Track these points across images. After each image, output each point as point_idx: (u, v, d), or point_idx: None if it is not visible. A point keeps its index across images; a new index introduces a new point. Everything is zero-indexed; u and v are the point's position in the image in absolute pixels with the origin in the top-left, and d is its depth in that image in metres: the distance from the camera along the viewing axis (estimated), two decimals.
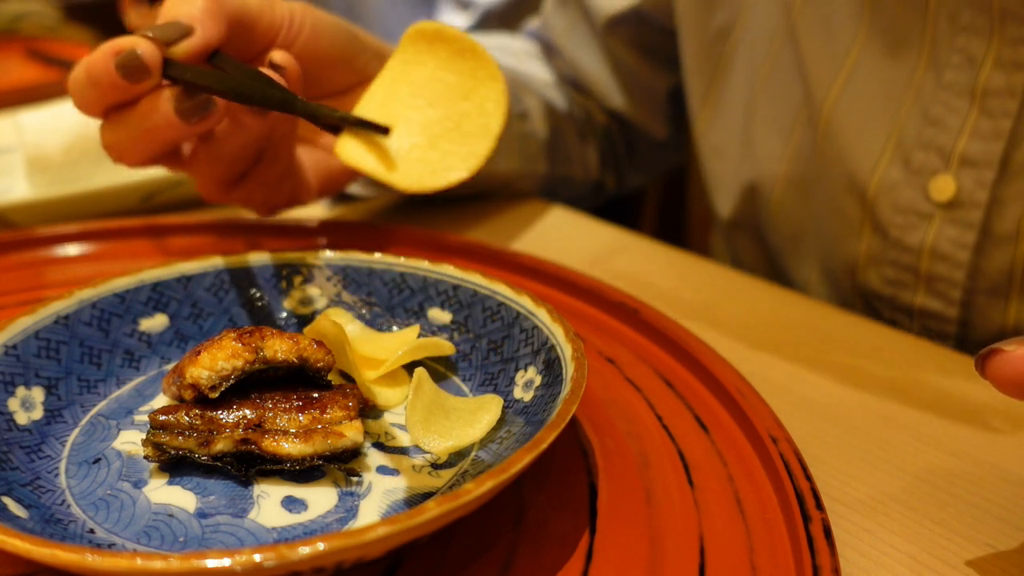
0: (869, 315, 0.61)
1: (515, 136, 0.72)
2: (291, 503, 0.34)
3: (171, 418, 0.36)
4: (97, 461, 0.36)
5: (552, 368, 0.38)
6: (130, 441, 0.37)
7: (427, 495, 0.35)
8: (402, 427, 0.39)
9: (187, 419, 0.36)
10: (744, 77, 0.69)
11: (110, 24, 1.34)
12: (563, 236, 0.67)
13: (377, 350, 0.43)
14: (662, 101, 0.81)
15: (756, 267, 0.74)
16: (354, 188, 0.69)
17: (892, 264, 0.60)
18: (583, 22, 0.79)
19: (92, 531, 0.32)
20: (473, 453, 0.37)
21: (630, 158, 0.87)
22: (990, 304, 0.58)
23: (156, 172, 0.67)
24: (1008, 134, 0.54)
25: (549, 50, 0.83)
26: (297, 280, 0.47)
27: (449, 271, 0.45)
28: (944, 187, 0.56)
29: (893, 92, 0.58)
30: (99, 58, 0.44)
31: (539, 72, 0.81)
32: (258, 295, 0.46)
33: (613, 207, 0.90)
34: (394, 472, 0.36)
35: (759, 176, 0.69)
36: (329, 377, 0.39)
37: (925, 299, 0.59)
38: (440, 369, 0.44)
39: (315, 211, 0.71)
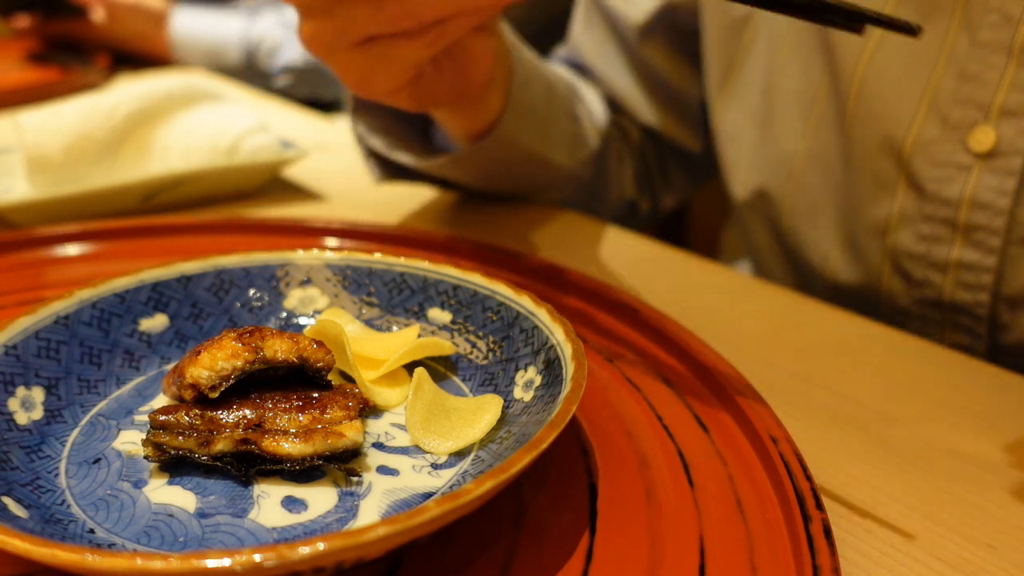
0: (898, 277, 0.62)
1: (568, 135, 0.71)
2: (291, 503, 0.34)
3: (171, 418, 0.36)
4: (97, 461, 0.36)
5: (552, 368, 0.38)
6: (130, 441, 0.37)
7: (427, 495, 0.35)
8: (402, 427, 0.39)
9: (187, 419, 0.36)
10: (763, 60, 0.70)
11: None
12: (563, 236, 0.67)
13: (377, 350, 0.43)
14: (695, 111, 0.82)
15: (769, 249, 0.74)
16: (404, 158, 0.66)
17: (927, 220, 0.60)
18: (612, 38, 0.80)
19: (92, 531, 0.32)
20: (473, 453, 0.37)
21: (664, 179, 0.88)
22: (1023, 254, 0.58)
23: (156, 172, 0.67)
24: None
25: (582, 72, 0.83)
26: (297, 280, 0.47)
27: (449, 271, 0.45)
28: (984, 138, 0.57)
29: (926, 56, 0.59)
30: None
31: (582, 89, 0.81)
32: (258, 295, 0.46)
33: None
34: (394, 472, 0.36)
35: (778, 154, 0.70)
36: (329, 377, 0.39)
37: (962, 251, 0.59)
38: (440, 369, 0.44)
39: (315, 211, 0.71)
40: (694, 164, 0.85)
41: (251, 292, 0.46)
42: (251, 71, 1.37)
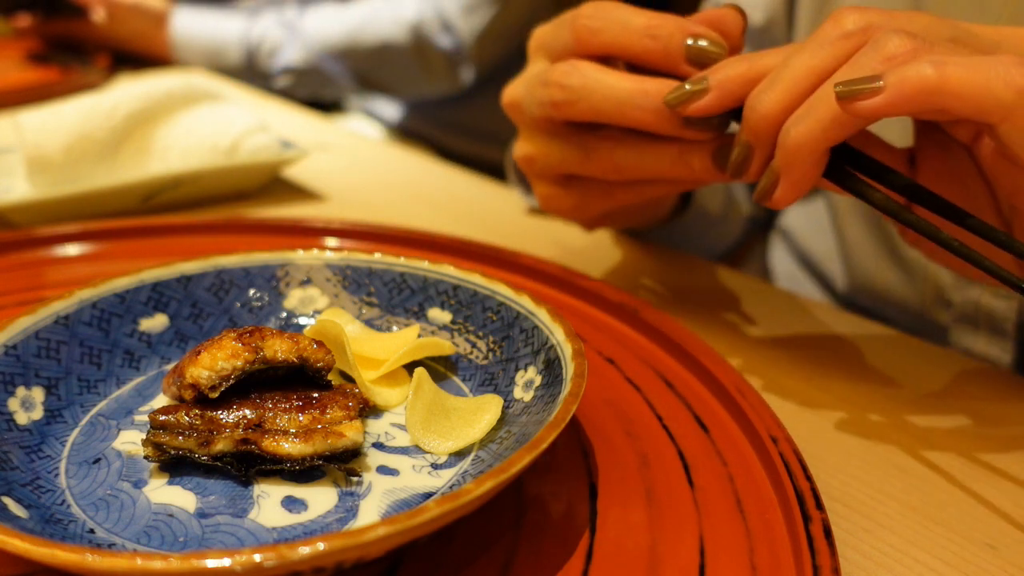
0: None
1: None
2: (291, 503, 0.34)
3: (171, 418, 0.36)
4: (97, 461, 0.36)
5: (552, 368, 0.38)
6: (130, 441, 0.37)
7: (427, 495, 0.35)
8: (402, 427, 0.39)
9: (187, 419, 0.36)
10: None
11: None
12: (563, 236, 0.67)
13: (377, 350, 0.43)
14: None
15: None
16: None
17: None
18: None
19: (92, 531, 0.32)
20: (473, 453, 0.37)
21: None
22: None
23: (156, 172, 0.67)
24: None
25: None
26: (297, 280, 0.47)
27: (449, 271, 0.45)
28: None
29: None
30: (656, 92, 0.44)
31: None
32: (258, 295, 0.46)
33: None
34: (394, 472, 0.36)
35: None
36: (329, 377, 0.39)
37: None
38: (440, 369, 0.44)
39: (315, 211, 0.71)
40: None
41: (251, 292, 0.46)
42: (251, 71, 1.36)
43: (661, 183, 0.49)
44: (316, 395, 0.37)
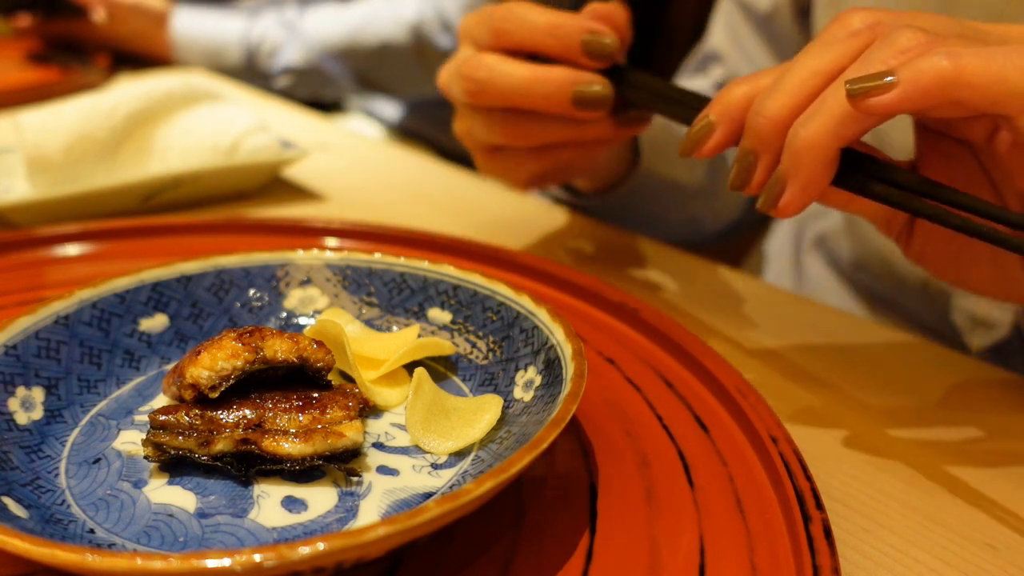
0: None
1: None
2: (291, 503, 0.34)
3: (171, 418, 0.36)
4: (97, 461, 0.36)
5: (552, 368, 0.38)
6: (130, 441, 0.37)
7: (427, 495, 0.35)
8: (402, 427, 0.39)
9: (187, 419, 0.36)
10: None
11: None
12: (563, 236, 0.67)
13: (377, 350, 0.43)
14: None
15: None
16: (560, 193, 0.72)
17: None
18: (746, 22, 0.79)
19: (92, 531, 0.32)
20: (473, 453, 0.37)
21: None
22: None
23: (156, 172, 0.67)
24: None
25: (707, 61, 0.83)
26: (297, 280, 0.47)
27: (449, 271, 0.45)
28: None
29: None
30: (557, 82, 0.49)
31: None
32: (258, 295, 0.46)
33: None
34: (394, 472, 0.36)
35: None
36: (329, 377, 0.39)
37: None
38: (440, 369, 0.44)
39: (315, 211, 0.71)
40: None
41: (251, 292, 0.46)
42: (251, 72, 1.36)
43: (576, 144, 0.55)
44: (316, 395, 0.37)
